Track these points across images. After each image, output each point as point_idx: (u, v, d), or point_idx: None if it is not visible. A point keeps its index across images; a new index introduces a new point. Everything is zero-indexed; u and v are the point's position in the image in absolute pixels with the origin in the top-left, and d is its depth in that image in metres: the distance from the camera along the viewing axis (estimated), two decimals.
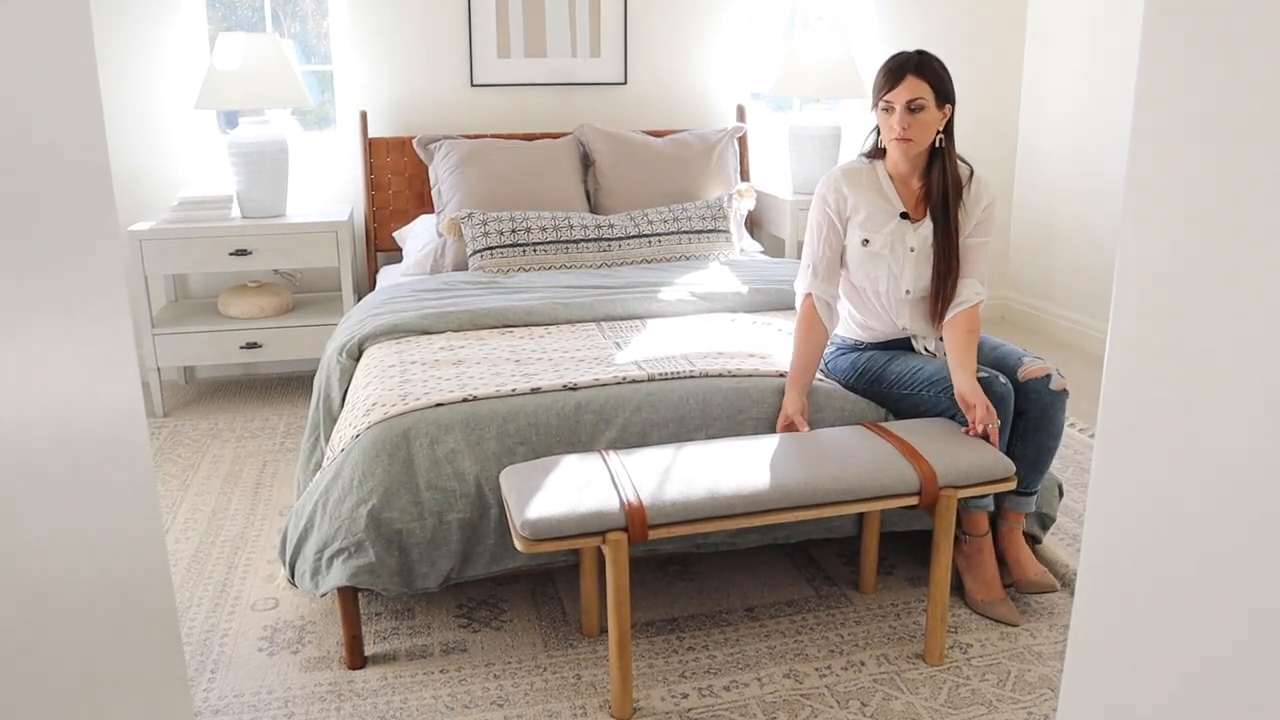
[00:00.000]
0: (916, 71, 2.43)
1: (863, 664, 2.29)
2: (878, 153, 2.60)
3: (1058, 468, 3.17)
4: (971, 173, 2.56)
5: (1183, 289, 0.85)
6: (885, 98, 2.46)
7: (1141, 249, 0.88)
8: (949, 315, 2.50)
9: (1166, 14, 0.84)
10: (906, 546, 2.78)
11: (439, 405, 2.38)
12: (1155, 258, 0.87)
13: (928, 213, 2.53)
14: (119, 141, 4.05)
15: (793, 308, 3.12)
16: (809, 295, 2.55)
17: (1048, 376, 2.41)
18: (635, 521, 1.99)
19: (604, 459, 2.19)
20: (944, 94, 2.46)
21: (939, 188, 2.50)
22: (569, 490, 2.05)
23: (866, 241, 2.53)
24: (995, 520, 2.54)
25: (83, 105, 0.94)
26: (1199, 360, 0.84)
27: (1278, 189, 0.76)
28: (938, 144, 2.49)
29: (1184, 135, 0.84)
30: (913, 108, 2.43)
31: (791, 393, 2.46)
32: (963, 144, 2.60)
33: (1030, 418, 2.42)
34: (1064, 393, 2.42)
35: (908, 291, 2.55)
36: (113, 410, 0.93)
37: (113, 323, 0.95)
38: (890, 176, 2.56)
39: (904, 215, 2.53)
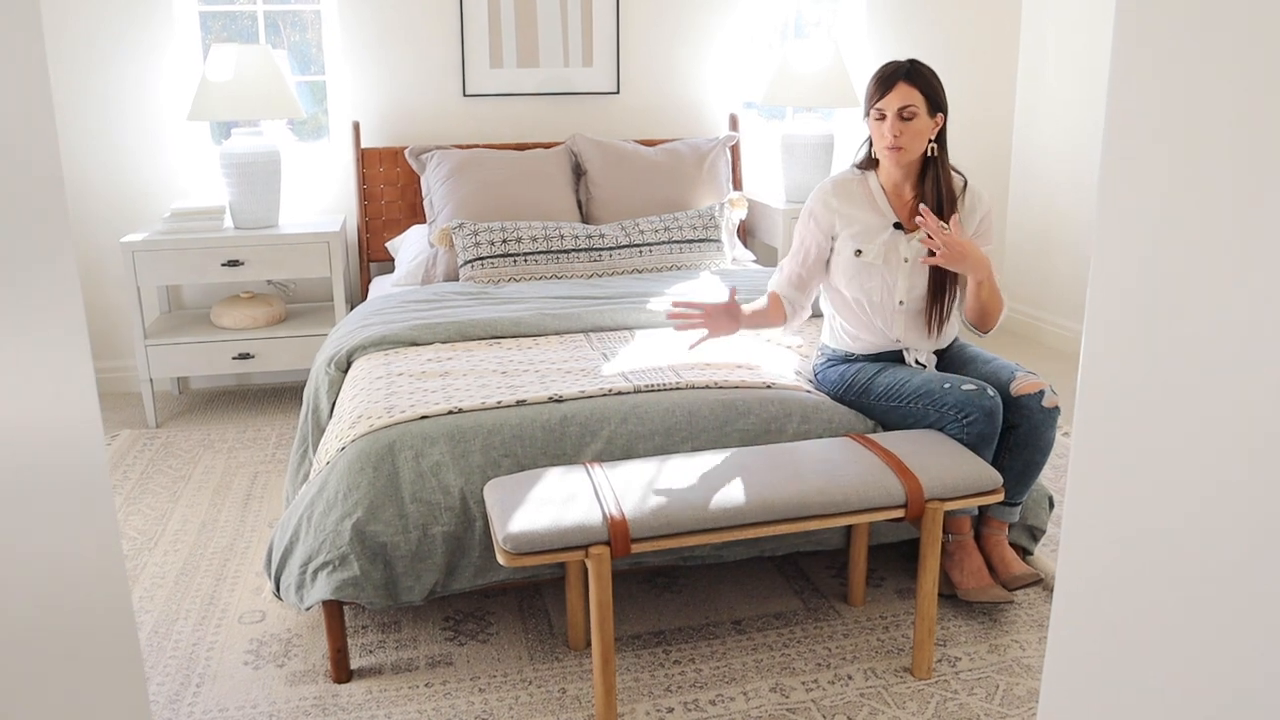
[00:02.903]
0: (908, 79, 2.43)
1: (850, 678, 2.28)
2: (870, 163, 2.60)
3: (1050, 479, 3.16)
4: (965, 183, 2.55)
5: (1156, 292, 0.85)
6: (877, 105, 2.46)
7: (1114, 252, 0.88)
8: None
9: (1137, 22, 0.84)
10: (896, 558, 2.77)
11: (424, 418, 2.37)
12: (1128, 261, 0.87)
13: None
14: (112, 153, 4.06)
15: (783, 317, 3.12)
16: (774, 291, 2.65)
17: (1040, 393, 2.40)
18: (618, 535, 1.98)
19: (588, 472, 2.18)
20: (936, 102, 2.45)
21: (933, 198, 2.49)
22: (552, 504, 2.04)
23: (859, 252, 2.53)
24: (979, 526, 2.53)
25: (32, 116, 0.93)
26: (1174, 363, 0.84)
27: (1247, 192, 0.76)
28: (930, 153, 2.49)
29: (1155, 140, 0.83)
30: (904, 115, 2.42)
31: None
32: (958, 152, 2.59)
33: (1020, 433, 2.41)
34: (1056, 410, 2.41)
35: (901, 302, 2.54)
36: (66, 431, 0.92)
37: (67, 342, 0.94)
38: (883, 187, 2.56)
39: (898, 225, 2.52)
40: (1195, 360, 0.82)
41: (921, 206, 2.39)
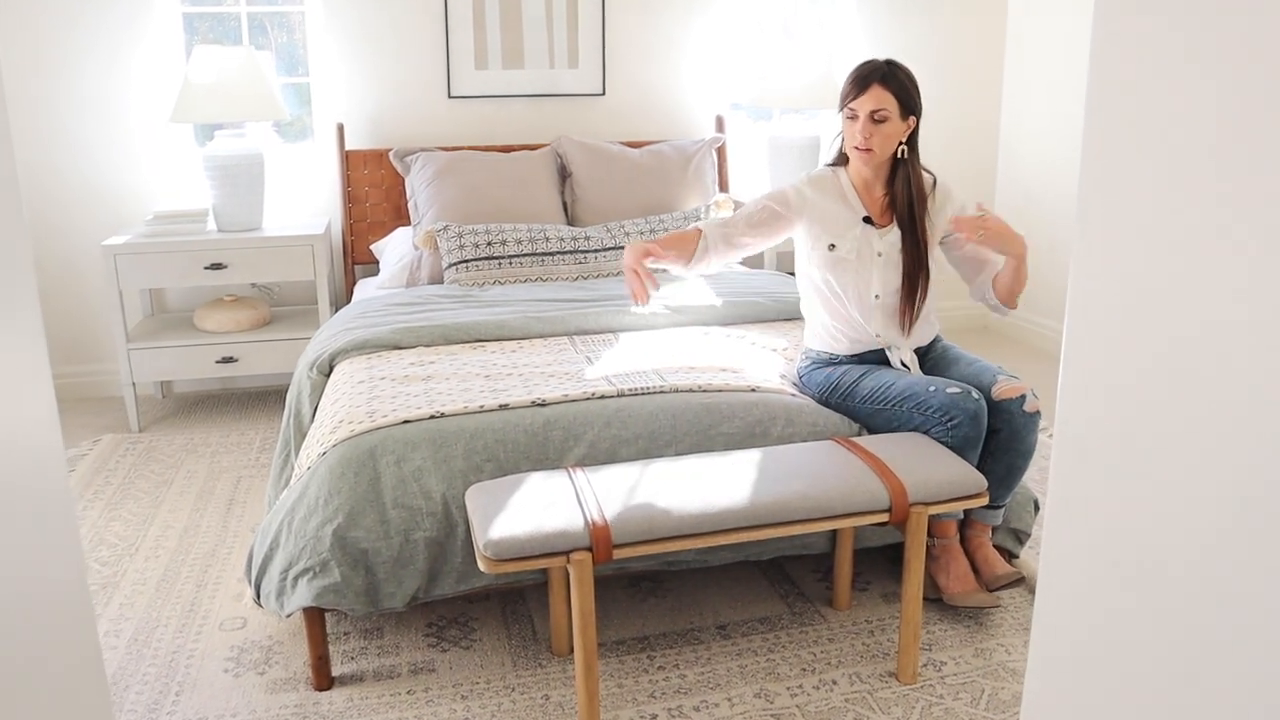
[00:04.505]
0: (883, 82, 2.43)
1: (835, 683, 2.26)
2: (842, 159, 2.61)
3: (1035, 481, 3.15)
4: (935, 182, 2.57)
5: (1135, 293, 0.84)
6: (850, 105, 2.47)
7: (1094, 253, 0.88)
8: (997, 274, 2.58)
9: (1115, 23, 0.83)
10: (882, 562, 2.76)
11: (406, 422, 2.35)
12: (1108, 262, 0.86)
13: (894, 220, 2.53)
14: (94, 155, 4.03)
15: (768, 320, 3.11)
16: (702, 230, 2.56)
17: (1022, 397, 2.40)
18: (600, 541, 1.96)
19: (570, 476, 2.17)
20: (909, 106, 2.46)
21: (903, 198, 2.50)
22: (534, 509, 2.02)
23: (833, 246, 2.53)
24: (963, 528, 2.53)
25: None
26: (1154, 363, 0.83)
27: (1227, 193, 0.75)
28: (900, 155, 2.49)
29: (1134, 142, 0.83)
30: (876, 118, 2.43)
31: (645, 244, 2.48)
32: (944, 154, 2.61)
33: (1002, 437, 2.40)
34: (1037, 414, 2.40)
35: (876, 296, 2.55)
36: (24, 445, 0.90)
37: (23, 348, 0.92)
38: (854, 185, 2.57)
39: (867, 220, 2.53)
40: (1176, 361, 0.81)
41: (960, 219, 2.44)
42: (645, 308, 2.64)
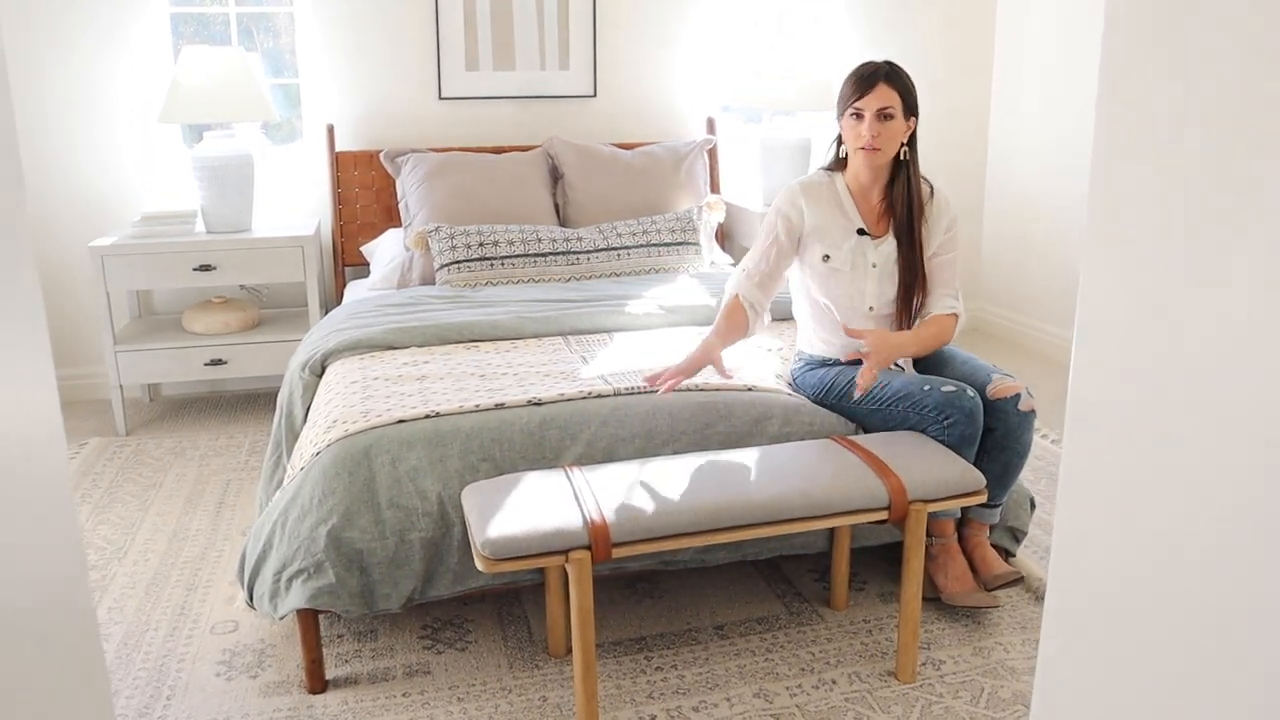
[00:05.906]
0: (887, 80, 2.42)
1: (834, 683, 2.25)
2: (839, 165, 2.59)
3: (1030, 480, 3.15)
4: (932, 190, 2.55)
5: (1145, 299, 0.84)
6: (855, 105, 2.45)
7: (1105, 257, 0.87)
8: (919, 322, 2.52)
9: (1127, 23, 0.83)
10: (879, 562, 2.75)
11: (401, 422, 2.33)
12: (1117, 269, 0.86)
13: (890, 228, 2.51)
14: (81, 155, 3.99)
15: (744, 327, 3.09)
16: (737, 295, 2.53)
17: (1017, 396, 2.39)
18: (598, 540, 1.95)
19: (568, 475, 2.15)
20: (911, 105, 2.45)
21: (902, 202, 2.48)
22: (531, 508, 2.01)
23: (827, 257, 2.51)
24: (960, 527, 2.52)
25: None
26: (1163, 367, 0.83)
27: (1238, 199, 0.75)
28: (902, 156, 2.48)
29: (1146, 143, 0.82)
30: (883, 116, 2.42)
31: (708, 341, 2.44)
32: (935, 154, 2.59)
33: (997, 436, 2.40)
34: (1032, 413, 2.40)
35: (871, 308, 2.53)
36: (28, 443, 0.88)
37: (25, 348, 0.90)
38: (850, 190, 2.54)
39: (861, 231, 2.50)
40: (1183, 363, 0.81)
41: (859, 381, 2.36)
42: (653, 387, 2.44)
